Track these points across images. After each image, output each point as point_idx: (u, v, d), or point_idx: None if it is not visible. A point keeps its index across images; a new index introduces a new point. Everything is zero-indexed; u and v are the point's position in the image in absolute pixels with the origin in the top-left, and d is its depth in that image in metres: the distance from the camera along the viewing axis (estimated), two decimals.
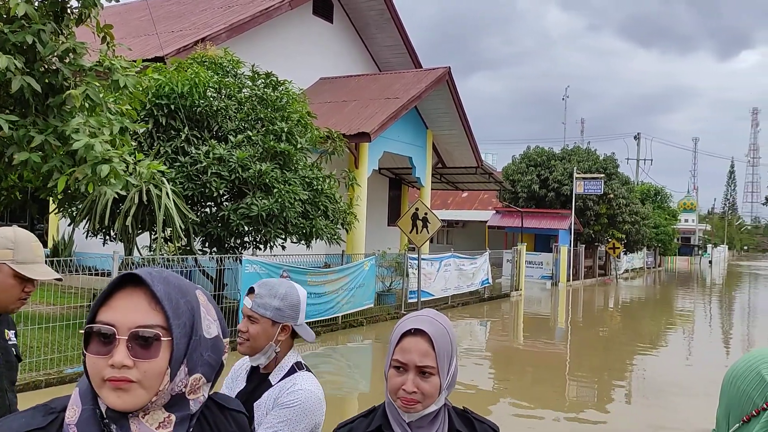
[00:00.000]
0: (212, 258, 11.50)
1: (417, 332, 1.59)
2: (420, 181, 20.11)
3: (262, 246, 11.93)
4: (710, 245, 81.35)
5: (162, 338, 1.09)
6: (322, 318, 12.71)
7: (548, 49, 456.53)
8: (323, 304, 12.62)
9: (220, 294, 11.31)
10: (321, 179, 12.14)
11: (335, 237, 12.35)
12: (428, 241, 19.43)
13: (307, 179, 11.82)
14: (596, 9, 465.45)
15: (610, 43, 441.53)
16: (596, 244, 33.43)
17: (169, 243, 10.66)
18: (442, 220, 40.17)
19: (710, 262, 71.53)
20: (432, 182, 22.39)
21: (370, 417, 1.70)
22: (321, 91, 19.10)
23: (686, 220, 71.97)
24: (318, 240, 12.20)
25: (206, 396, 1.20)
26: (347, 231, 13.58)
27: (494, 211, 32.28)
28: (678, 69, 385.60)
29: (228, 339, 1.26)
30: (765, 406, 1.04)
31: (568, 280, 28.54)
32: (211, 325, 1.19)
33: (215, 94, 11.68)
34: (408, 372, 1.57)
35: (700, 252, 76.11)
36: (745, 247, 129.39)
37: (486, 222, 32.35)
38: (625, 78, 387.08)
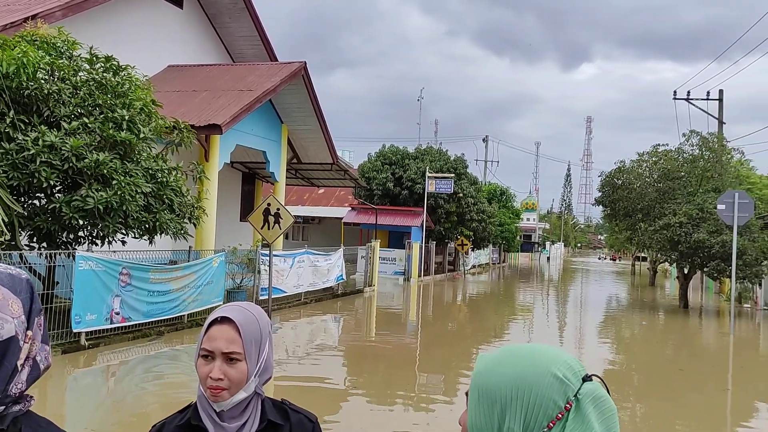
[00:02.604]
0: (41, 254, 10.55)
1: (224, 320, 1.60)
2: (274, 176, 19.76)
3: (99, 241, 11.14)
4: (548, 242, 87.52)
5: None
6: (167, 317, 12.10)
7: (408, 50, 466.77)
8: (168, 303, 12.02)
9: (51, 293, 10.39)
10: (166, 171, 11.53)
11: (181, 232, 11.78)
12: (283, 237, 19.14)
13: (150, 171, 11.17)
14: (455, 16, 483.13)
15: (466, 49, 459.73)
16: (446, 241, 34.75)
17: None
18: (298, 216, 39.58)
19: (548, 258, 76.90)
20: (287, 177, 22.11)
21: (184, 412, 1.68)
22: (169, 80, 18.19)
23: (528, 219, 76.83)
24: (163, 235, 11.58)
25: None
26: (195, 226, 13.02)
27: (350, 208, 32.56)
28: (526, 77, 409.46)
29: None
30: (568, 405, 1.04)
31: (420, 276, 29.41)
32: (3, 326, 1.06)
33: (47, 77, 10.71)
34: (215, 359, 1.57)
35: (539, 249, 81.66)
36: (579, 245, 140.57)
37: (342, 219, 32.55)
38: (478, 83, 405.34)
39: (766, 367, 13.84)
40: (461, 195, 32.95)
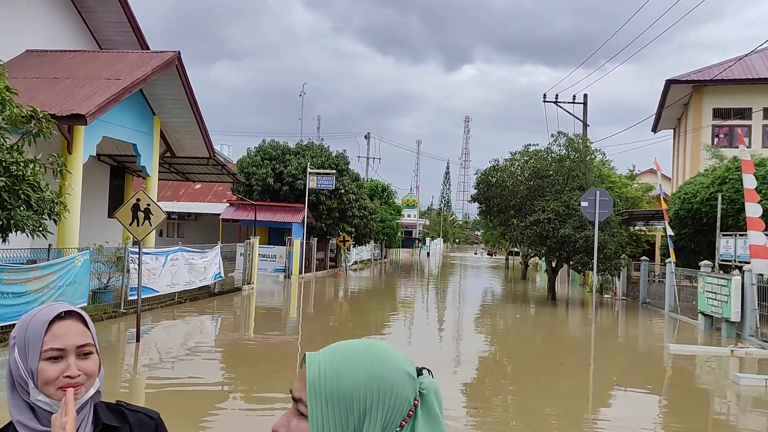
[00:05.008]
0: None
1: (68, 315, 1.52)
2: (146, 170, 18.82)
3: None
4: (429, 238, 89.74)
5: None
6: None
7: (293, 45, 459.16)
8: (24, 305, 11.08)
9: None
10: (22, 164, 10.61)
11: (40, 229, 10.91)
12: (156, 234, 18.28)
13: (4, 163, 10.25)
14: (340, 12, 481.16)
15: (352, 47, 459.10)
16: (328, 237, 34.69)
17: None
18: (173, 212, 38.05)
19: (428, 253, 78.82)
20: (160, 172, 21.15)
21: None
22: (27, 66, 16.83)
23: (409, 216, 78.40)
24: (18, 232, 10.68)
25: None
26: (56, 223, 12.12)
27: (228, 204, 31.75)
28: (410, 76, 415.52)
29: None
30: (416, 401, 1.01)
31: (301, 273, 29.17)
32: None
33: None
34: (67, 357, 1.48)
35: (420, 245, 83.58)
36: (457, 240, 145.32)
37: (220, 215, 31.68)
38: (362, 80, 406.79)
39: (624, 352, 14.86)
40: (343, 191, 33.00)
